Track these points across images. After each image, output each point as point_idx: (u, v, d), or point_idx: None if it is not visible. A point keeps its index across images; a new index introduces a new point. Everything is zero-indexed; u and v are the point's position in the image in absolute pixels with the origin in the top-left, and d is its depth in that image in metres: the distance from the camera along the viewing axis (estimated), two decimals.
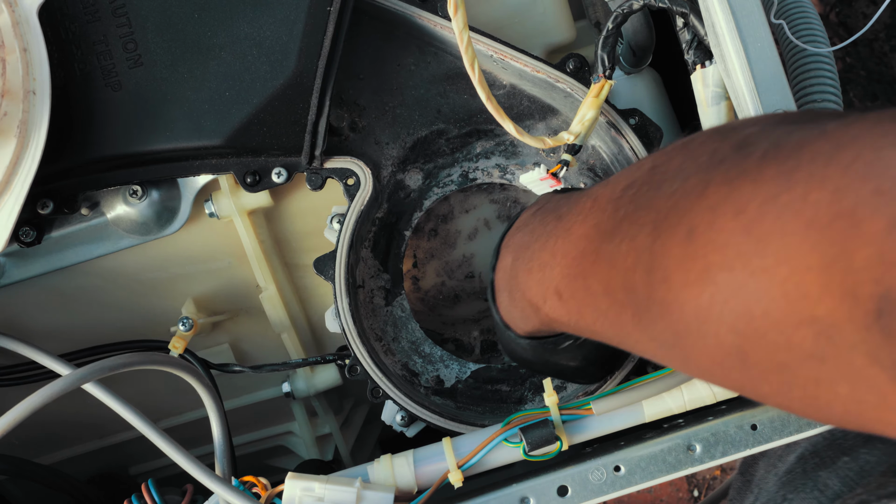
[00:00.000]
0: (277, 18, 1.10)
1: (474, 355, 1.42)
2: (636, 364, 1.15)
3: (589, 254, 0.79)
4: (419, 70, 1.23)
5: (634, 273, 0.70)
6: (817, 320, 0.54)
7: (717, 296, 0.60)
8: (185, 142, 1.11)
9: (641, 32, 1.21)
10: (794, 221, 0.54)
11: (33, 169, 1.04)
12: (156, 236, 1.21)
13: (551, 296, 0.88)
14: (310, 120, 1.12)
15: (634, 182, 0.76)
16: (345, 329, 1.17)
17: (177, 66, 1.10)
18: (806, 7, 1.17)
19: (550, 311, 0.90)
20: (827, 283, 0.52)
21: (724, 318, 0.60)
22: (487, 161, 1.27)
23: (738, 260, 0.58)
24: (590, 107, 1.10)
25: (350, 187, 1.18)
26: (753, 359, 0.60)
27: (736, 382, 0.67)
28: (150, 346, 1.26)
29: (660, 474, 1.03)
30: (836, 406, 0.58)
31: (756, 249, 0.57)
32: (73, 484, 1.32)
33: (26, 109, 1.03)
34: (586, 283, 0.80)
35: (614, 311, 0.76)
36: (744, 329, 0.59)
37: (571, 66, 1.18)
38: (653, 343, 0.72)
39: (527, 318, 0.98)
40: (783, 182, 0.56)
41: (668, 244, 0.65)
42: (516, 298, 0.98)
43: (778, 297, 0.56)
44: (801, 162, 0.56)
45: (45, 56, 1.05)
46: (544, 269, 0.89)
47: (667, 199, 0.68)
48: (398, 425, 1.21)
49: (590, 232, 0.80)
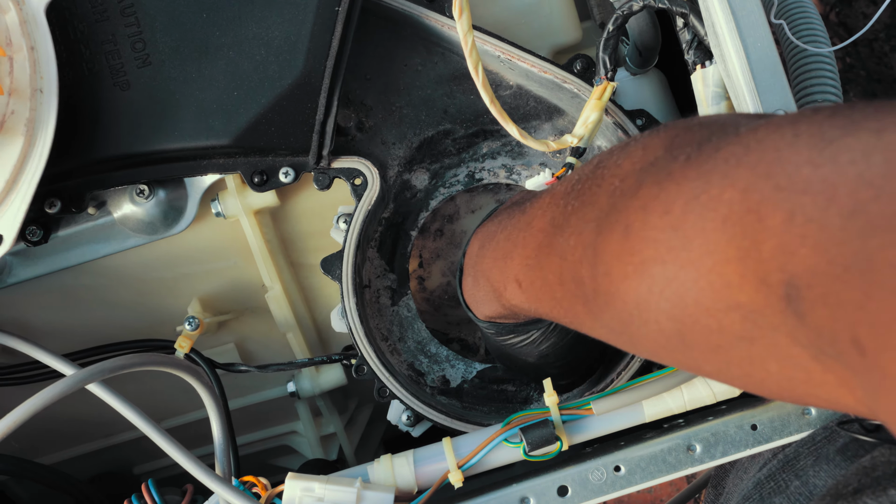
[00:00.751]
0: (286, 18, 1.10)
1: (480, 355, 1.42)
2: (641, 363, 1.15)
3: (544, 246, 0.84)
4: (426, 70, 1.23)
5: (581, 266, 0.75)
6: (741, 306, 0.58)
7: (654, 287, 0.65)
8: (192, 141, 1.12)
9: (647, 33, 1.21)
10: (713, 218, 0.59)
11: (40, 167, 1.04)
12: (162, 236, 1.22)
13: (511, 283, 0.94)
14: (318, 120, 1.12)
15: (581, 178, 0.81)
16: (351, 329, 1.17)
17: (185, 66, 1.11)
18: (806, 7, 1.16)
19: (511, 297, 0.95)
20: (744, 273, 0.56)
21: (661, 307, 0.65)
22: (494, 161, 1.27)
23: (668, 254, 0.63)
24: (593, 109, 1.10)
25: (357, 187, 1.18)
26: (692, 341, 0.65)
27: (681, 362, 0.71)
28: (155, 345, 1.26)
29: (660, 474, 1.03)
30: (770, 382, 0.62)
31: (683, 244, 0.61)
32: (74, 484, 1.33)
33: (34, 108, 1.04)
34: (542, 274, 0.85)
35: (568, 300, 0.81)
36: (680, 315, 0.63)
37: (578, 66, 1.18)
38: (604, 329, 0.77)
39: (489, 302, 1.03)
40: (702, 183, 0.61)
41: (608, 240, 0.70)
42: (480, 283, 1.03)
43: (705, 287, 0.60)
44: (717, 164, 0.60)
45: (52, 54, 1.05)
46: (506, 259, 0.95)
47: (608, 197, 0.72)
48: (404, 425, 1.21)
49: (546, 226, 0.85)
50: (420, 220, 1.28)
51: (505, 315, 1.04)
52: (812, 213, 0.51)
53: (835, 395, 0.58)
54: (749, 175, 0.57)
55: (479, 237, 1.06)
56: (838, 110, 0.56)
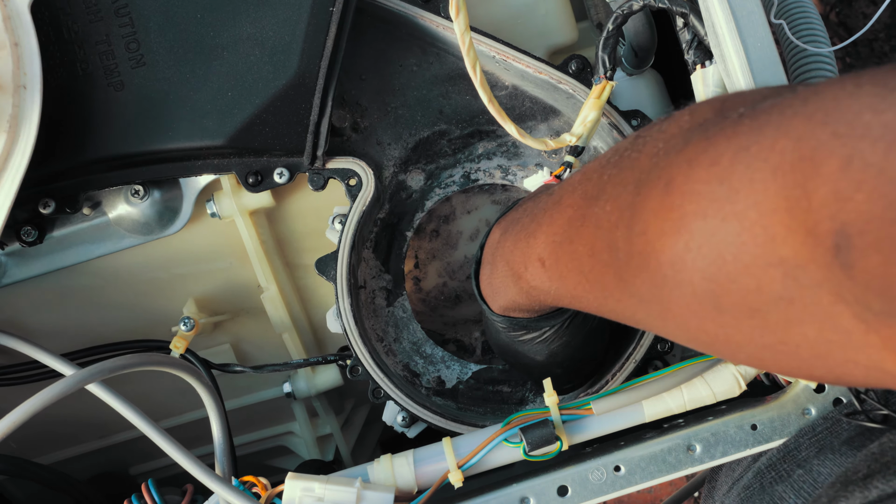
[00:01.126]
0: (280, 19, 1.10)
1: (475, 356, 1.42)
2: (636, 364, 1.16)
3: (576, 220, 0.83)
4: (421, 71, 1.23)
5: (616, 230, 0.74)
6: (784, 261, 0.57)
7: (692, 243, 0.63)
8: (187, 142, 1.11)
9: (643, 34, 1.21)
10: (763, 168, 0.57)
11: (24, 164, 1.03)
12: (157, 236, 1.21)
13: (534, 263, 0.93)
14: (312, 120, 1.12)
15: (619, 149, 0.80)
16: (346, 329, 1.17)
17: (179, 66, 1.11)
18: (806, 7, 1.17)
19: (532, 278, 0.94)
20: (790, 224, 0.55)
21: (697, 265, 0.64)
22: (489, 162, 1.27)
23: (711, 207, 0.61)
24: (591, 108, 1.10)
25: (352, 188, 1.18)
26: (726, 304, 0.63)
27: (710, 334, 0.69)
28: (151, 345, 1.26)
29: (660, 474, 1.03)
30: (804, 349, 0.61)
31: (728, 196, 0.60)
32: (73, 484, 1.32)
33: (17, 104, 1.03)
34: (572, 248, 0.84)
35: (597, 271, 0.80)
36: (716, 274, 0.62)
37: (574, 67, 1.18)
38: (632, 300, 0.76)
39: (506, 289, 1.02)
40: (755, 135, 0.59)
41: (648, 197, 0.69)
42: (498, 269, 1.02)
43: (747, 241, 0.59)
44: (772, 116, 0.59)
45: (36, 51, 1.05)
46: (529, 239, 0.94)
47: (650, 159, 0.71)
48: (399, 426, 1.21)
49: (577, 200, 0.84)
50: (415, 220, 1.28)
51: (521, 305, 1.03)
52: (871, 159, 0.50)
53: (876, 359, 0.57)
54: (805, 124, 0.56)
55: (501, 225, 1.06)
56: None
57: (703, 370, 1.01)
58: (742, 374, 1.01)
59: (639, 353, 1.16)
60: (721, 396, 1.02)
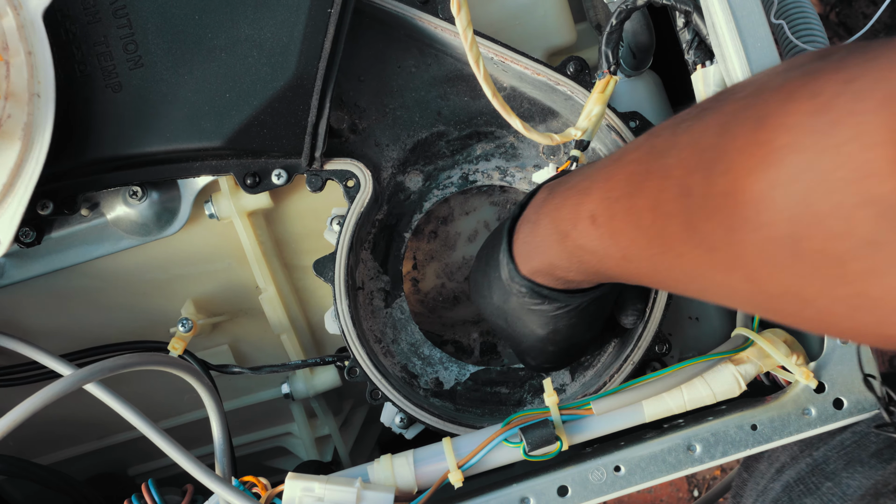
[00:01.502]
0: (278, 20, 1.10)
1: (473, 357, 1.42)
2: (634, 366, 1.16)
3: (638, 174, 0.81)
4: (419, 72, 1.23)
5: (693, 175, 0.71)
6: (879, 200, 0.54)
7: (780, 178, 0.60)
8: (185, 143, 1.11)
9: (641, 34, 1.22)
10: (869, 100, 0.55)
11: (37, 172, 1.04)
12: (156, 237, 1.21)
13: (584, 220, 0.90)
14: (310, 122, 1.12)
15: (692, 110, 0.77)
16: (344, 331, 1.17)
17: (177, 68, 1.11)
18: (806, 7, 1.17)
19: (580, 236, 0.91)
20: (892, 159, 0.53)
21: (782, 205, 0.61)
22: (487, 163, 1.27)
23: (807, 139, 0.58)
24: (596, 102, 1.10)
25: (350, 189, 1.18)
26: (806, 249, 0.61)
27: (781, 284, 0.66)
28: (149, 346, 1.25)
29: (660, 474, 1.03)
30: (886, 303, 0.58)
31: (827, 128, 0.57)
32: (72, 484, 1.32)
33: (31, 112, 1.03)
34: (631, 203, 0.81)
35: (659, 224, 0.77)
36: (801, 215, 0.60)
37: (572, 68, 1.18)
38: (698, 250, 0.73)
39: (546, 248, 0.99)
40: (861, 69, 0.57)
41: (736, 136, 0.66)
42: (541, 226, 0.99)
43: (844, 176, 0.56)
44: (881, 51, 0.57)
45: (49, 59, 1.05)
46: (581, 196, 0.91)
47: (736, 102, 0.69)
48: (397, 427, 1.21)
49: (642, 156, 0.82)
50: (414, 221, 1.28)
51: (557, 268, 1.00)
52: None
53: None
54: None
55: (549, 186, 1.03)
56: None
57: (703, 370, 1.01)
58: (742, 374, 1.02)
59: (637, 355, 1.16)
60: (721, 396, 1.02)
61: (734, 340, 1.03)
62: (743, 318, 1.09)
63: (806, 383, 1.02)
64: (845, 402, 1.02)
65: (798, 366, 1.01)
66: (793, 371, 1.02)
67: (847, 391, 1.02)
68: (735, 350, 1.02)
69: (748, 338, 1.03)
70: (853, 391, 1.02)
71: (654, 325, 1.16)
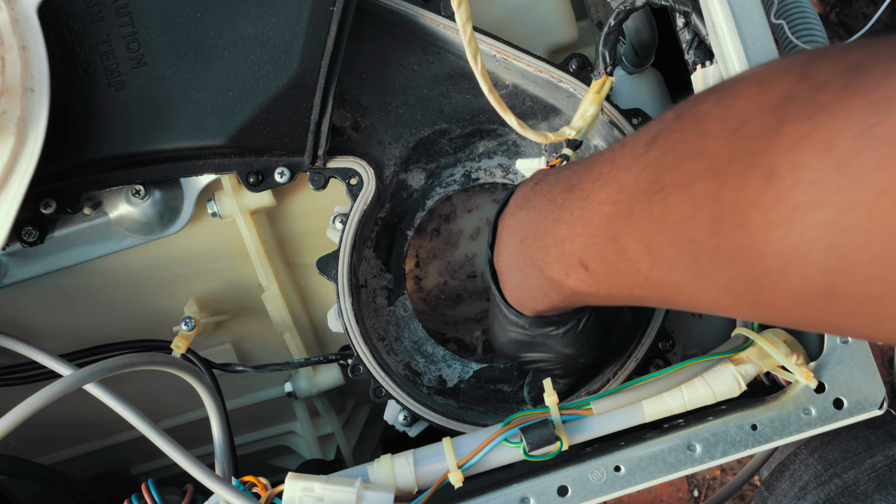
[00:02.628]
0: (280, 18, 1.10)
1: (476, 355, 1.42)
2: (637, 363, 1.16)
3: (619, 217, 0.78)
4: (422, 70, 1.23)
5: (693, 224, 0.69)
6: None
7: (807, 235, 0.59)
8: (187, 141, 1.11)
9: (644, 32, 1.21)
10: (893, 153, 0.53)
11: (31, 167, 1.04)
12: (158, 236, 1.22)
13: (575, 269, 0.87)
14: (313, 120, 1.12)
15: (659, 135, 0.74)
16: (347, 329, 1.17)
17: (180, 66, 1.11)
18: (806, 7, 1.17)
19: (575, 284, 0.89)
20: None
21: (813, 257, 0.59)
22: (490, 161, 1.27)
23: (831, 197, 0.56)
24: (591, 102, 1.10)
25: (353, 187, 1.18)
26: (843, 295, 0.60)
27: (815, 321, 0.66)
28: (152, 345, 1.26)
29: (660, 474, 1.03)
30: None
31: (851, 184, 0.55)
32: (73, 484, 1.32)
33: (24, 107, 1.03)
34: (619, 248, 0.79)
35: (660, 268, 0.75)
36: (836, 266, 0.58)
37: (574, 65, 1.18)
38: (714, 293, 0.71)
39: (545, 297, 0.97)
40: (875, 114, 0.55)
41: (743, 189, 0.63)
42: (531, 277, 0.97)
43: (878, 230, 0.54)
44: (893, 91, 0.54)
45: (44, 54, 1.05)
46: (563, 244, 0.88)
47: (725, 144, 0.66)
48: (401, 425, 1.21)
49: (615, 196, 0.79)
50: (416, 219, 1.28)
51: (561, 308, 0.99)
52: None
53: None
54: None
55: (517, 229, 1.00)
56: None
57: (703, 370, 1.01)
58: (742, 374, 1.01)
59: (640, 352, 1.16)
60: (721, 396, 1.02)
61: (734, 340, 1.03)
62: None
63: (806, 383, 1.02)
64: (845, 402, 1.02)
65: (798, 366, 1.01)
66: (793, 371, 1.01)
67: (847, 391, 1.02)
68: (735, 350, 1.02)
69: (748, 338, 1.03)
70: (853, 391, 1.02)
71: (657, 322, 1.16)
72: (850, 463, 1.14)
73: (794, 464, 1.28)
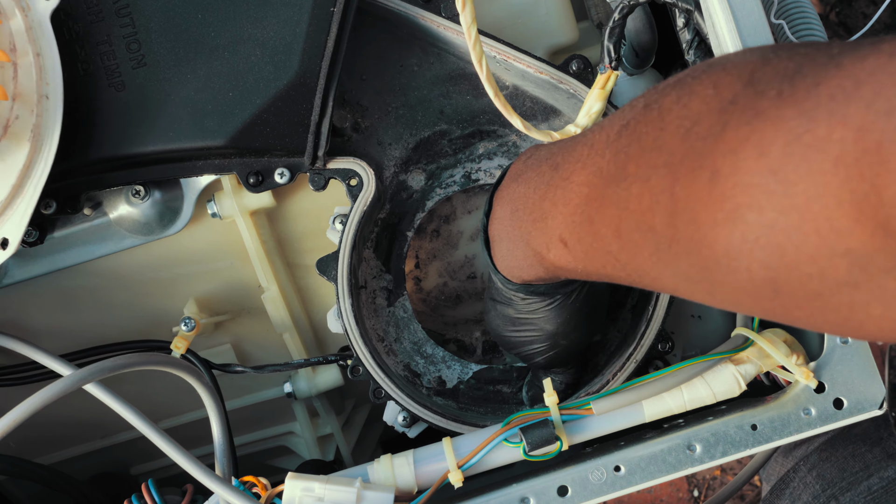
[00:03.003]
0: (281, 19, 1.10)
1: (476, 356, 1.42)
2: (637, 364, 1.16)
3: (593, 199, 0.80)
4: (422, 71, 1.23)
5: (652, 214, 0.71)
6: (851, 252, 0.55)
7: (748, 234, 0.61)
8: (188, 142, 1.11)
9: (644, 33, 1.21)
10: (821, 160, 0.55)
11: (45, 173, 1.04)
12: (158, 236, 1.22)
13: (556, 244, 0.90)
14: (313, 120, 1.12)
15: (629, 123, 0.77)
16: (347, 330, 1.17)
17: (180, 67, 1.11)
18: (805, 7, 1.17)
19: (555, 258, 0.91)
20: (858, 218, 0.54)
21: (755, 254, 0.61)
22: (490, 162, 1.27)
23: (766, 200, 0.59)
24: (596, 98, 1.10)
25: (353, 188, 1.18)
26: (786, 289, 0.62)
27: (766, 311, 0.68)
28: (152, 346, 1.26)
29: (660, 474, 1.03)
30: (869, 325, 0.60)
31: (784, 189, 0.57)
32: (73, 484, 1.33)
33: (39, 114, 1.03)
34: (593, 229, 0.81)
35: (627, 252, 0.77)
36: (776, 264, 0.60)
37: (574, 67, 1.18)
38: (674, 278, 0.74)
39: (530, 267, 0.99)
40: (805, 122, 0.57)
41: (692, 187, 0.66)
42: (518, 248, 1.00)
43: (810, 233, 0.57)
44: (821, 100, 0.56)
45: (58, 61, 1.05)
46: (546, 219, 0.91)
47: (680, 141, 0.68)
48: (400, 426, 1.21)
49: (591, 179, 0.81)
50: (416, 220, 1.28)
51: (544, 280, 1.02)
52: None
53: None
54: (864, 112, 0.53)
55: (508, 201, 1.02)
56: None
57: (703, 370, 1.01)
58: (742, 374, 1.02)
59: (639, 353, 1.16)
60: (721, 396, 1.02)
61: (734, 340, 1.03)
62: (743, 317, 1.09)
63: (806, 383, 1.02)
64: (845, 402, 1.02)
65: (798, 366, 1.01)
66: (793, 371, 1.02)
67: (847, 391, 1.02)
68: (735, 350, 1.02)
69: (748, 338, 1.03)
70: (853, 391, 1.02)
71: (657, 323, 1.16)
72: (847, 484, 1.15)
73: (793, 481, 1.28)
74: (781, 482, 1.30)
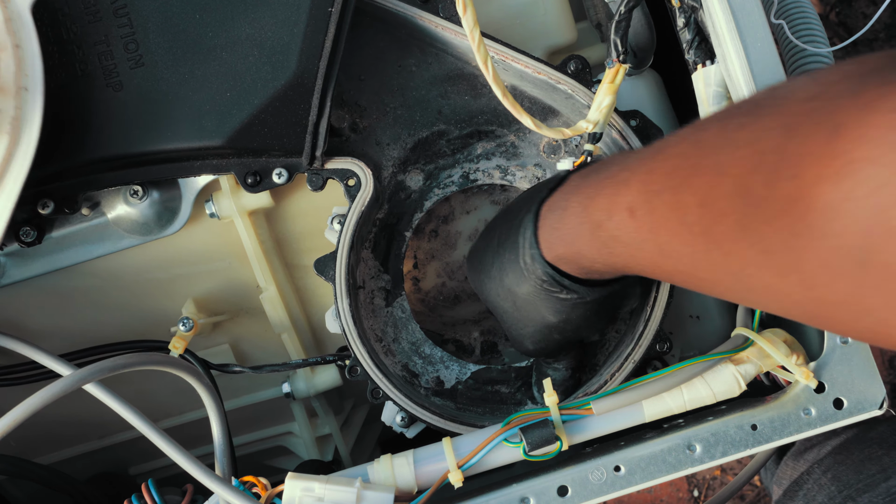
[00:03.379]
0: (279, 19, 1.10)
1: (474, 356, 1.42)
2: (635, 365, 1.16)
3: (683, 168, 0.80)
4: (420, 71, 1.23)
5: (752, 176, 0.69)
6: None
7: (856, 191, 0.59)
8: (186, 142, 1.11)
9: (642, 34, 1.21)
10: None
11: (26, 166, 1.03)
12: (156, 236, 1.21)
13: (620, 212, 0.88)
14: (311, 121, 1.12)
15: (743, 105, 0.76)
16: (345, 330, 1.17)
17: (178, 67, 1.11)
18: (806, 7, 1.17)
19: (615, 227, 0.90)
20: None
21: (856, 215, 0.60)
22: (488, 162, 1.27)
23: (887, 155, 0.57)
24: (606, 93, 1.10)
25: (351, 188, 1.18)
26: (874, 261, 0.60)
27: (841, 293, 0.66)
28: (150, 346, 1.26)
29: (660, 474, 1.03)
30: None
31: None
32: (73, 484, 1.32)
33: (18, 106, 1.03)
34: (676, 198, 0.80)
35: (707, 221, 0.76)
36: (874, 228, 0.59)
37: (572, 67, 1.18)
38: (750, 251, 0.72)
39: (576, 237, 0.97)
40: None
41: (807, 142, 0.64)
42: (572, 215, 0.98)
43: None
44: None
45: (38, 53, 1.04)
46: (618, 186, 0.90)
47: (802, 103, 0.67)
48: (398, 426, 1.21)
49: (687, 150, 0.80)
50: (414, 220, 1.28)
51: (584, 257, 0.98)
52: None
53: None
54: None
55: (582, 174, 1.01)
56: None
57: (703, 370, 1.01)
58: (742, 373, 1.02)
59: (637, 354, 1.16)
60: (721, 396, 1.02)
61: (734, 340, 1.03)
62: (743, 317, 1.09)
63: (806, 383, 1.02)
64: (845, 402, 1.02)
65: (798, 366, 1.01)
66: (793, 371, 1.02)
67: (847, 391, 1.02)
68: (735, 350, 1.02)
69: (748, 338, 1.03)
70: (853, 391, 1.02)
71: (655, 324, 1.16)
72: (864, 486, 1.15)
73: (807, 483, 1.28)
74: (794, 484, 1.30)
